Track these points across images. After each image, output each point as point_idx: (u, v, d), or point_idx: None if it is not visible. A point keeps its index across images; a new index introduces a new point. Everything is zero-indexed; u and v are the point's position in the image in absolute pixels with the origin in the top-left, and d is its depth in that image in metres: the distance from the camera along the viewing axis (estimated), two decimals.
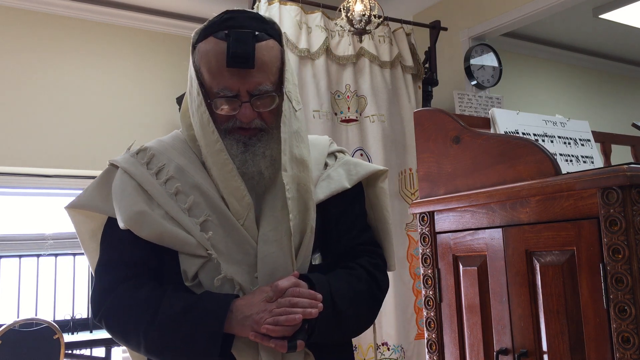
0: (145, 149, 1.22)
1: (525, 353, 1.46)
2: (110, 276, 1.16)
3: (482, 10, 3.92)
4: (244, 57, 1.08)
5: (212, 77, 1.12)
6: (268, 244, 1.13)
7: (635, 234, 1.25)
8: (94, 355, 3.70)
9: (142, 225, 1.11)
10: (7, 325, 3.08)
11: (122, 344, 1.16)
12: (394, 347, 2.94)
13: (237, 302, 1.08)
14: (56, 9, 3.87)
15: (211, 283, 1.11)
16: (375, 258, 1.26)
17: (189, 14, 4.28)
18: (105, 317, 1.13)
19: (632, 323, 1.24)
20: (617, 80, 5.68)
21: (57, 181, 3.94)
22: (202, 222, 1.12)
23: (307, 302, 1.07)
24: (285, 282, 1.08)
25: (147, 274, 1.15)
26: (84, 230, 1.28)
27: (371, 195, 1.34)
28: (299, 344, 1.06)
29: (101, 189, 1.22)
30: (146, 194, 1.15)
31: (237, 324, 1.07)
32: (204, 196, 1.15)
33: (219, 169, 1.14)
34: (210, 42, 1.12)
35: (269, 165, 1.16)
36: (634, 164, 1.31)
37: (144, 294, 1.11)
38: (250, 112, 1.12)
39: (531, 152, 1.51)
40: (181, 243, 1.11)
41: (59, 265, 3.94)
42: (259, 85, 1.11)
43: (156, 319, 1.07)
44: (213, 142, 1.14)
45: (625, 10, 4.17)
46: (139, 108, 4.08)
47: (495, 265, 1.56)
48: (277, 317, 1.05)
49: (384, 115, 3.15)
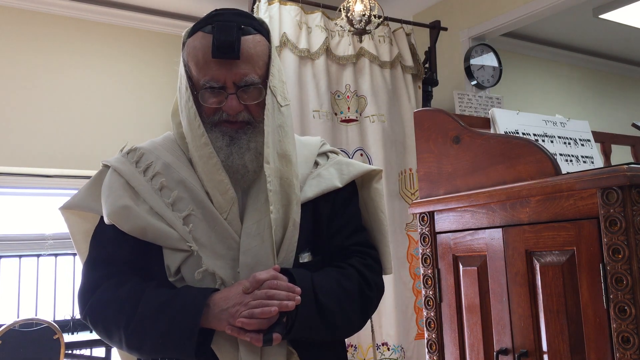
0: (135, 149, 1.24)
1: (525, 353, 1.46)
2: (95, 274, 1.16)
3: (482, 10, 3.92)
4: (229, 46, 1.09)
5: (199, 70, 1.13)
6: (250, 237, 1.13)
7: (635, 234, 1.25)
8: (94, 355, 3.70)
9: (126, 219, 1.12)
10: (7, 325, 3.09)
11: (106, 340, 1.16)
12: (394, 347, 2.94)
13: (215, 296, 1.07)
14: (56, 9, 3.87)
15: (193, 277, 1.10)
16: (367, 259, 1.25)
17: (188, 14, 4.28)
18: (90, 314, 1.14)
19: (632, 323, 1.24)
20: (617, 80, 5.68)
21: (57, 181, 3.94)
22: (185, 216, 1.13)
23: (284, 294, 1.05)
24: (264, 274, 1.07)
25: (131, 271, 1.15)
26: (77, 232, 1.29)
27: (365, 196, 1.33)
28: (275, 337, 1.05)
29: (93, 190, 1.23)
30: (132, 190, 1.16)
31: (214, 318, 1.06)
32: (188, 191, 1.15)
33: (204, 162, 1.15)
34: (198, 36, 1.14)
35: (254, 158, 1.16)
36: (634, 164, 1.31)
37: (126, 291, 1.11)
38: (237, 104, 1.13)
39: (531, 152, 1.51)
40: (164, 237, 1.11)
41: (59, 265, 3.95)
42: (244, 76, 1.12)
43: (135, 315, 1.07)
44: (199, 136, 1.14)
45: (625, 10, 4.17)
46: (138, 108, 4.08)
47: (495, 265, 1.56)
48: (252, 309, 1.03)
49: (384, 115, 3.15)
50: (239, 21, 1.14)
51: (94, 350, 3.69)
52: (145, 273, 1.15)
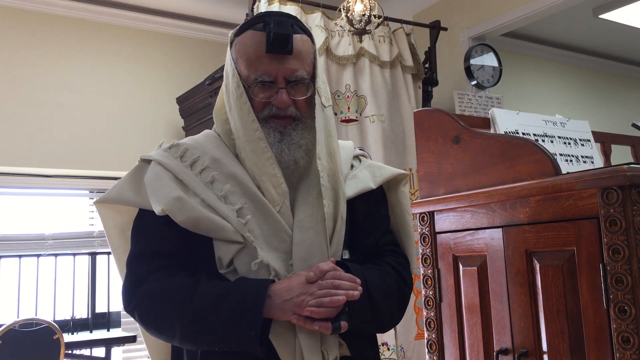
0: (178, 144, 1.25)
1: (525, 353, 1.46)
2: (141, 267, 1.16)
3: (482, 10, 3.92)
4: (284, 40, 1.14)
5: (250, 65, 1.16)
6: (303, 230, 1.16)
7: (635, 234, 1.25)
8: (94, 355, 3.70)
9: (179, 210, 1.12)
10: (7, 325, 3.08)
11: (154, 334, 1.16)
12: (393, 347, 2.94)
13: (274, 287, 1.09)
14: (56, 9, 3.87)
15: (246, 269, 1.12)
16: (399, 257, 1.29)
17: (189, 14, 4.28)
18: (138, 308, 1.14)
19: (632, 323, 1.24)
20: (617, 80, 5.68)
21: (57, 181, 3.94)
22: (238, 209, 1.14)
23: (348, 284, 1.09)
24: (326, 265, 1.10)
25: (178, 264, 1.16)
26: (112, 226, 1.29)
27: (393, 198, 1.36)
28: (343, 325, 1.08)
29: (132, 183, 1.23)
30: (181, 183, 1.17)
31: (277, 308, 1.07)
32: (239, 185, 1.17)
33: (257, 156, 1.17)
34: (248, 34, 1.19)
35: (304, 155, 1.20)
36: (634, 164, 1.31)
37: (177, 283, 1.11)
38: (287, 98, 1.16)
39: (531, 152, 1.51)
40: (218, 229, 1.12)
41: (59, 265, 3.94)
42: (295, 71, 1.16)
43: (191, 306, 1.07)
44: (252, 131, 1.17)
45: (625, 10, 4.17)
46: (139, 108, 4.07)
47: (495, 265, 1.56)
48: (321, 299, 1.06)
49: (384, 115, 3.15)
50: (291, 20, 1.19)
51: (94, 350, 3.69)
52: (192, 265, 1.16)
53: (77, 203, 4.08)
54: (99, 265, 4.09)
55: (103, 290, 4.05)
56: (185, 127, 4.02)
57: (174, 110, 4.06)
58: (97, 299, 4.06)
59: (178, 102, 4.01)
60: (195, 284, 1.10)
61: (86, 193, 4.08)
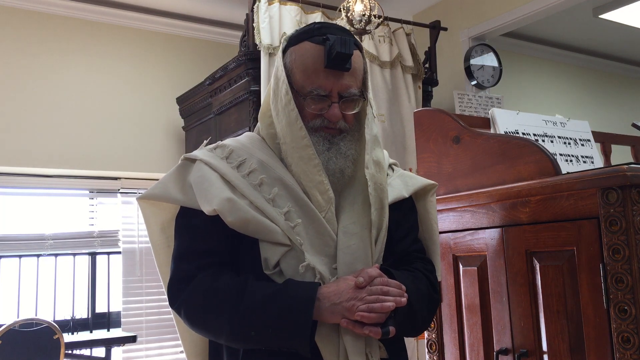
0: (223, 145, 1.27)
1: (525, 353, 1.46)
2: (188, 265, 1.18)
3: (482, 10, 3.92)
4: (345, 59, 1.17)
5: (306, 77, 1.20)
6: (348, 235, 1.18)
7: (635, 234, 1.25)
8: (94, 355, 3.70)
9: (230, 211, 1.14)
10: (7, 325, 3.08)
11: (199, 331, 1.18)
12: None
13: (323, 290, 1.11)
14: (57, 9, 3.87)
15: (292, 271, 1.14)
16: (428, 264, 1.32)
17: (189, 14, 4.28)
18: (185, 305, 1.15)
19: (632, 323, 1.24)
20: (617, 80, 5.68)
21: (57, 181, 3.93)
22: (285, 212, 1.16)
23: (396, 291, 1.12)
24: (374, 271, 1.13)
25: (223, 263, 1.18)
26: (154, 222, 1.31)
27: (421, 208, 1.38)
28: (392, 330, 1.10)
29: (176, 181, 1.24)
30: (229, 184, 1.18)
31: (326, 311, 1.09)
32: (286, 189, 1.19)
33: (305, 163, 1.19)
34: (306, 45, 1.21)
35: (350, 164, 1.23)
36: (634, 164, 1.31)
37: (226, 281, 1.13)
38: (338, 113, 1.20)
39: (531, 152, 1.51)
40: (267, 231, 1.14)
41: (59, 265, 3.94)
42: (349, 88, 1.20)
43: (241, 305, 1.09)
44: (300, 138, 1.19)
45: (625, 10, 4.17)
46: (139, 108, 4.07)
47: (495, 265, 1.56)
48: (372, 304, 1.08)
49: (384, 115, 3.15)
50: (352, 39, 1.22)
51: (94, 350, 3.69)
52: (234, 265, 1.18)
53: (77, 203, 4.08)
54: (99, 265, 4.09)
55: (103, 290, 4.05)
56: (185, 127, 4.02)
57: (174, 110, 4.06)
58: (97, 299, 4.06)
59: (178, 102, 4.01)
60: (245, 284, 1.12)
61: (86, 193, 4.08)
